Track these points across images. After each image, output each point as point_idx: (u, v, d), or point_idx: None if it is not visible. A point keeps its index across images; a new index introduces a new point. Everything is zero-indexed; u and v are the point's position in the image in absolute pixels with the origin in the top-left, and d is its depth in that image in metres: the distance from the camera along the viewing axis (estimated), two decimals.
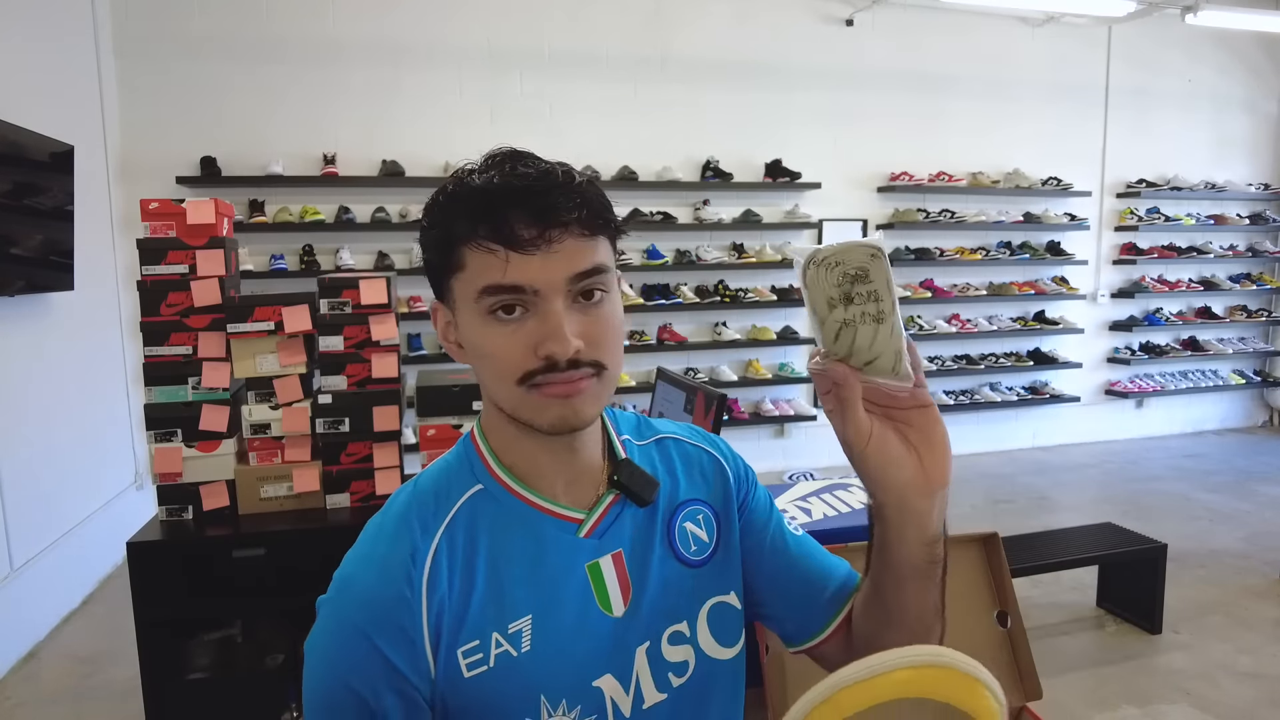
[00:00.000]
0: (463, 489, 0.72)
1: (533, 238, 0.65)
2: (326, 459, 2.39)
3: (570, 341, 0.66)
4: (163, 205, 2.31)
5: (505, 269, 0.66)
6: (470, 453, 0.76)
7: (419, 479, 0.75)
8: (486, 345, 0.69)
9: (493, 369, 0.70)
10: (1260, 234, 7.06)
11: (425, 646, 0.65)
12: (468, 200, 0.68)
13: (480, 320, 0.68)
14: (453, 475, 0.74)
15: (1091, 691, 2.96)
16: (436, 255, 0.71)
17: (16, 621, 3.29)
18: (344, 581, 0.68)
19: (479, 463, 0.75)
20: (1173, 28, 6.29)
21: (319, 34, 4.83)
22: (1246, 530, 4.59)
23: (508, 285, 0.66)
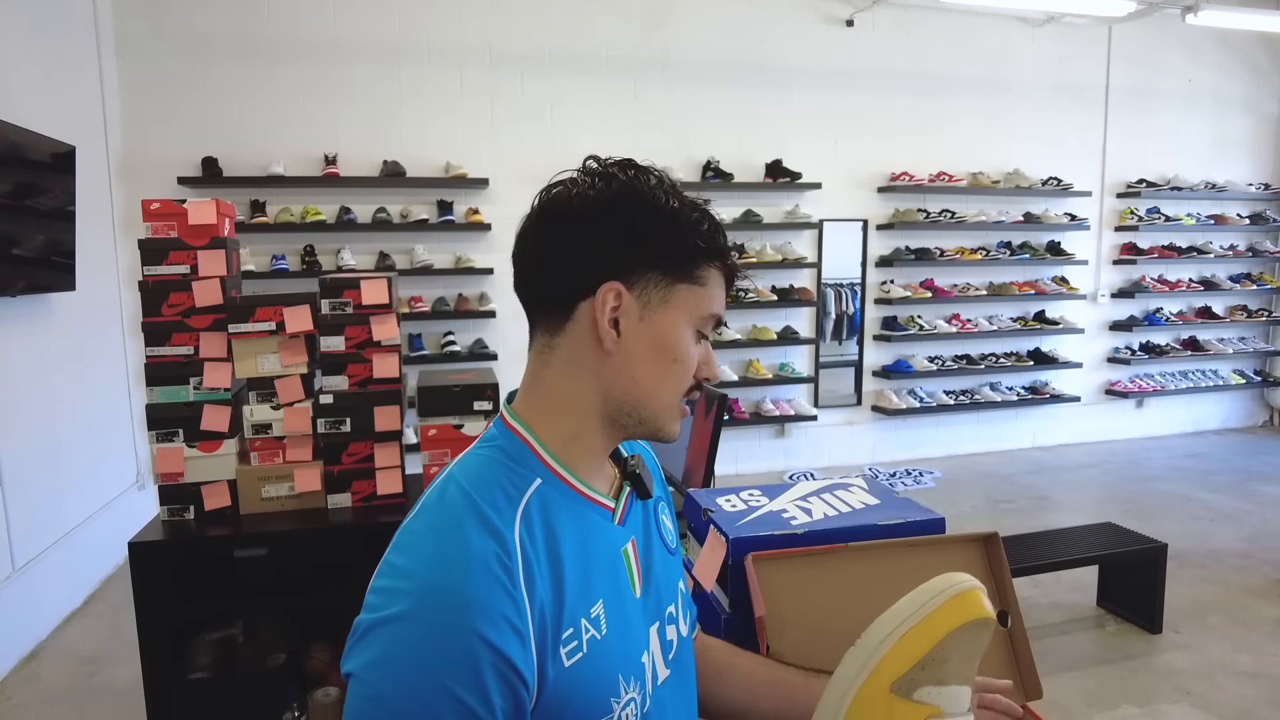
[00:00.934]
0: (524, 483, 0.72)
1: (734, 285, 0.82)
2: (328, 459, 2.39)
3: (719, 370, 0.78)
4: (164, 205, 2.31)
5: (723, 302, 0.79)
6: (517, 449, 0.75)
7: (460, 477, 0.71)
8: (686, 355, 0.77)
9: (676, 375, 0.77)
10: (1260, 234, 7.06)
11: (531, 640, 0.65)
12: (723, 235, 0.79)
13: (689, 333, 0.77)
14: (505, 471, 0.73)
15: (1092, 691, 2.96)
16: (672, 251, 0.76)
17: (18, 621, 3.29)
18: (429, 587, 0.63)
19: (532, 457, 0.75)
20: (1173, 27, 6.29)
21: (320, 34, 4.84)
22: (1247, 530, 4.60)
23: (720, 316, 0.79)
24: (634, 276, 0.75)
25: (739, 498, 1.30)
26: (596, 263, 0.74)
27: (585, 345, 0.75)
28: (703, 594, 1.19)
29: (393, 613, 0.62)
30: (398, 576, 0.65)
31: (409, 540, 0.68)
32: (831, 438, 6.06)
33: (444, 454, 2.41)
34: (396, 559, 0.67)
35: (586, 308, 0.75)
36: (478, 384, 2.42)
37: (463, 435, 2.41)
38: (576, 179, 0.78)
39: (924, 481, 5.61)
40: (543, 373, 0.78)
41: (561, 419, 0.77)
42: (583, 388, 0.76)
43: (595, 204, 0.75)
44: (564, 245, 0.75)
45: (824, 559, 1.11)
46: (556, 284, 0.76)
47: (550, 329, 0.77)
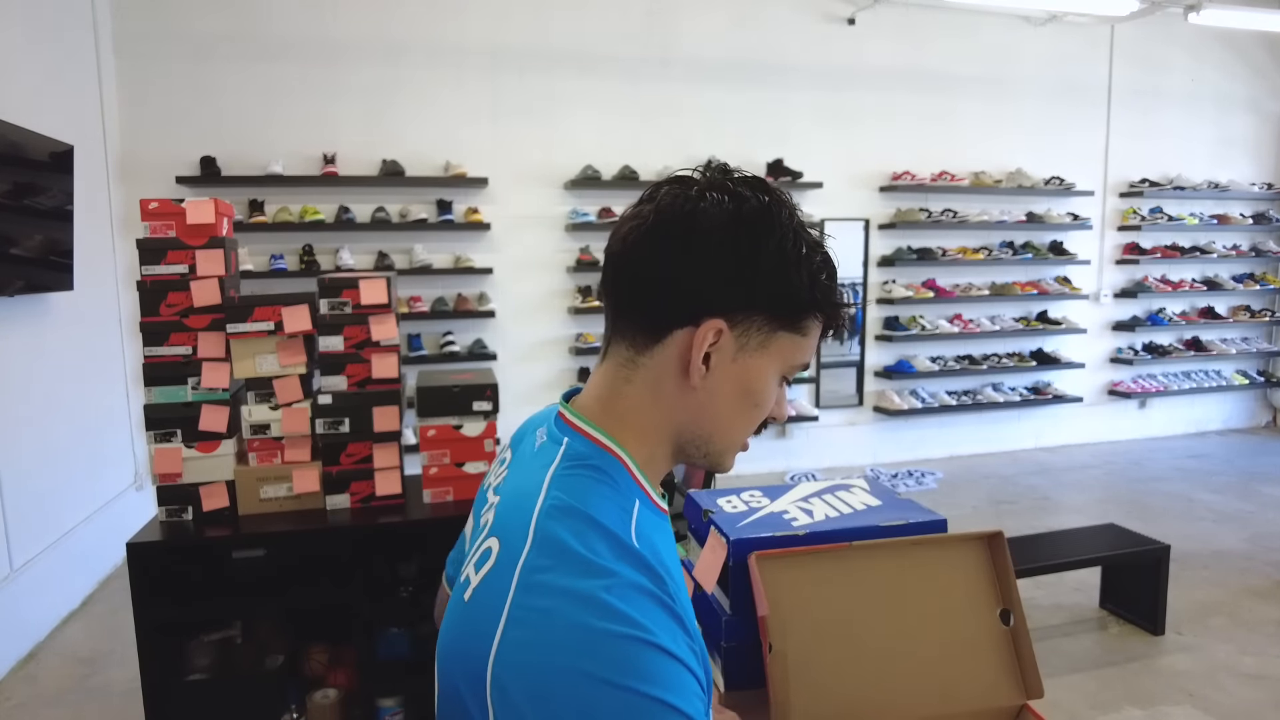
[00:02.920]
0: (629, 504, 0.70)
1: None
2: (326, 459, 2.38)
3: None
4: (162, 205, 2.30)
5: (815, 349, 0.78)
6: (616, 469, 0.72)
7: (568, 505, 0.67)
8: (767, 401, 0.76)
9: (753, 418, 0.77)
10: (1263, 234, 7.05)
11: (696, 654, 0.64)
12: (838, 285, 0.77)
13: (775, 380, 0.76)
14: (610, 493, 0.70)
15: (1094, 693, 2.95)
16: (787, 298, 0.73)
17: (16, 622, 3.28)
18: (621, 608, 0.60)
19: (628, 478, 0.73)
20: (1176, 27, 6.28)
21: (319, 33, 4.83)
22: (1250, 531, 4.58)
23: (808, 364, 0.80)
24: (739, 316, 0.71)
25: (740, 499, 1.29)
26: (706, 293, 0.70)
27: (669, 373, 0.72)
28: (703, 596, 1.17)
29: (575, 658, 0.58)
30: (558, 621, 0.60)
31: (550, 581, 0.62)
32: (833, 438, 6.04)
33: (443, 454, 2.40)
34: (544, 604, 0.61)
35: (682, 336, 0.71)
36: (477, 384, 2.41)
37: (462, 435, 2.40)
38: (703, 190, 0.72)
39: (926, 482, 5.59)
40: (624, 389, 0.74)
41: (642, 441, 0.75)
42: (660, 415, 0.74)
43: (720, 228, 0.70)
44: (675, 264, 0.70)
45: (827, 558, 1.09)
46: (657, 303, 0.71)
47: (637, 344, 0.73)
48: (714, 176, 0.73)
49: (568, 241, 5.35)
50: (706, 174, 0.74)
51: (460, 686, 0.64)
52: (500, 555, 0.66)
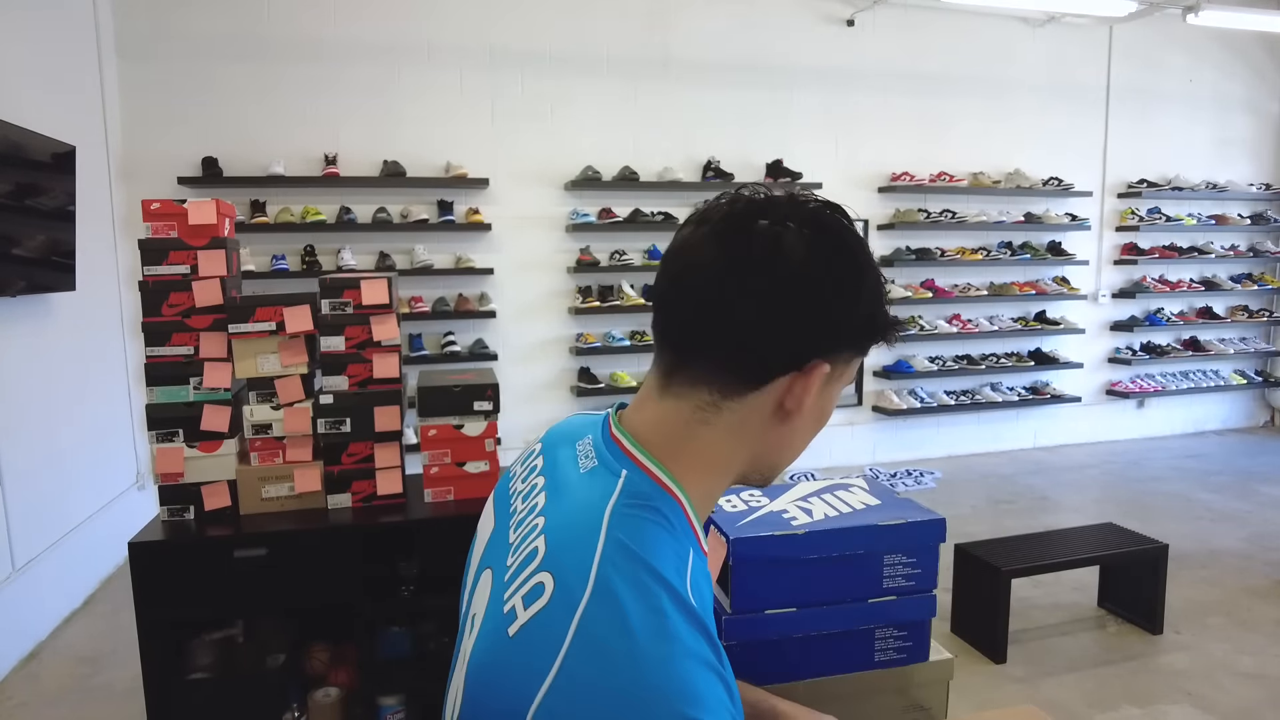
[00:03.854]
0: (685, 552, 0.66)
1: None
2: (328, 459, 2.39)
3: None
4: (164, 205, 2.31)
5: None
6: (675, 514, 0.68)
7: (633, 555, 0.62)
8: (830, 415, 0.75)
9: (816, 433, 0.75)
10: (1261, 234, 7.06)
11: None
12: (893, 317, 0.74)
13: (838, 397, 0.75)
14: (671, 541, 0.66)
15: (1093, 692, 2.96)
16: (869, 329, 0.70)
17: (18, 621, 3.29)
18: (684, 685, 0.57)
19: (686, 524, 0.68)
20: (1174, 28, 6.29)
21: (320, 34, 4.84)
22: (1248, 530, 4.59)
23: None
24: (836, 354, 0.69)
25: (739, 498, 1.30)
26: (817, 338, 0.67)
27: (762, 414, 0.69)
28: None
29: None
30: (617, 694, 0.56)
31: (609, 644, 0.58)
32: (832, 438, 6.05)
33: (444, 454, 2.41)
34: (601, 669, 0.57)
35: (786, 383, 0.68)
36: (478, 384, 2.42)
37: (463, 435, 2.41)
38: (774, 220, 0.66)
39: (925, 482, 5.60)
40: (701, 431, 0.69)
41: (707, 478, 0.71)
42: (740, 451, 0.71)
43: (828, 269, 0.66)
44: (785, 315, 0.65)
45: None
46: (758, 353, 0.67)
47: (724, 390, 0.68)
48: (790, 204, 0.68)
49: (568, 242, 5.36)
50: (772, 197, 0.68)
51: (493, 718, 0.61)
52: (555, 596, 0.61)
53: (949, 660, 1.28)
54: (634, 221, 5.32)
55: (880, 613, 1.22)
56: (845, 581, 1.19)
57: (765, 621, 1.17)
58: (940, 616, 3.39)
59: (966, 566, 3.34)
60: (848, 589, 1.20)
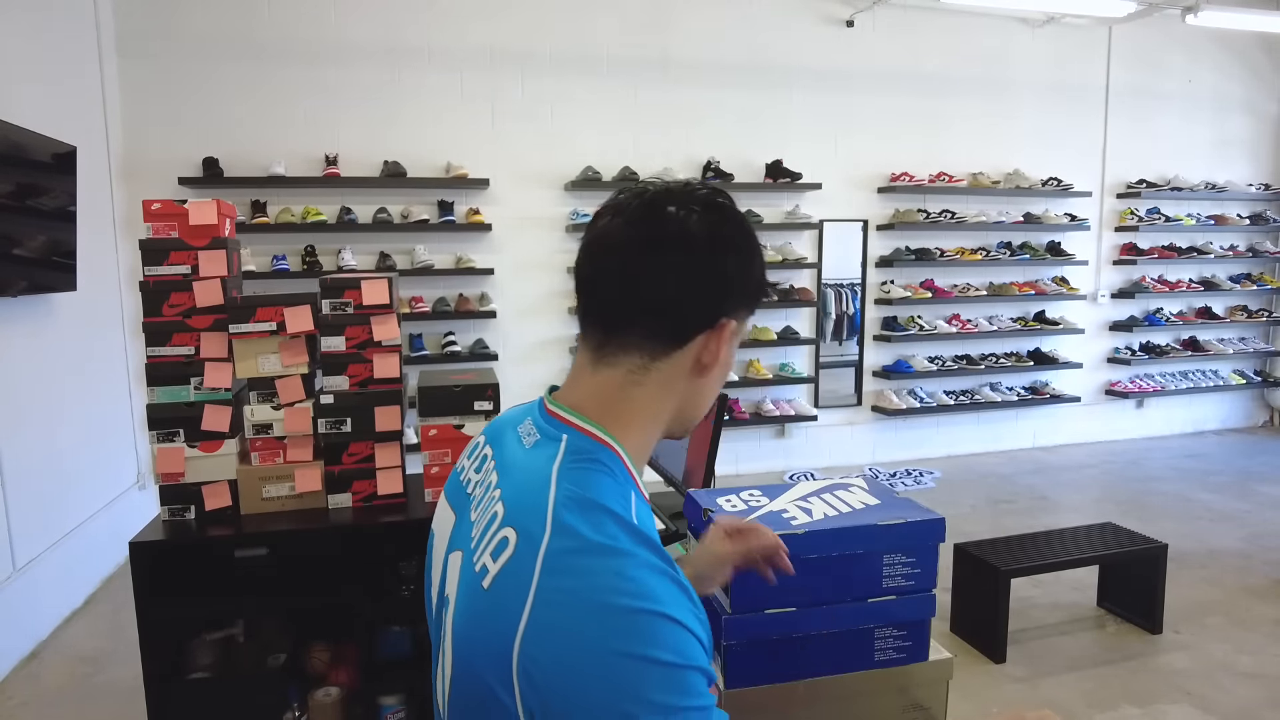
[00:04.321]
0: (628, 494, 0.76)
1: None
2: (328, 459, 2.39)
3: None
4: (165, 206, 2.31)
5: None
6: (615, 464, 0.79)
7: (581, 497, 0.72)
8: (730, 369, 0.87)
9: (722, 384, 0.88)
10: (1260, 234, 7.07)
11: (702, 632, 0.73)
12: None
13: (734, 353, 0.85)
14: (613, 485, 0.76)
15: (1092, 691, 2.97)
16: (759, 285, 0.84)
17: (19, 621, 3.29)
18: (638, 586, 0.67)
19: (625, 471, 0.79)
20: (1173, 28, 6.29)
21: (321, 35, 4.84)
22: (1247, 530, 4.60)
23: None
24: (739, 311, 0.82)
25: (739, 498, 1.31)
26: (722, 299, 0.79)
27: (683, 370, 0.81)
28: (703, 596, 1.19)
29: (599, 633, 0.64)
30: (582, 600, 0.66)
31: (570, 565, 0.68)
32: (832, 438, 6.06)
33: (444, 454, 2.41)
34: (568, 584, 0.66)
35: (703, 340, 0.79)
36: (478, 384, 2.42)
37: (463, 435, 2.41)
38: (677, 204, 0.78)
39: (924, 482, 5.61)
40: (634, 391, 0.80)
41: (642, 433, 0.82)
42: (668, 404, 0.82)
43: (722, 240, 0.79)
44: (695, 278, 0.78)
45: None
46: (677, 317, 0.79)
47: (652, 353, 0.79)
48: (686, 193, 0.79)
49: (568, 242, 5.37)
50: (672, 187, 0.80)
51: (482, 668, 0.68)
52: (519, 544, 0.70)
53: (948, 660, 1.28)
54: None
55: (880, 612, 1.22)
56: (845, 581, 1.20)
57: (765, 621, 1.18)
58: (940, 616, 3.40)
59: (966, 566, 3.34)
60: (847, 589, 1.20)
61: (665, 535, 1.96)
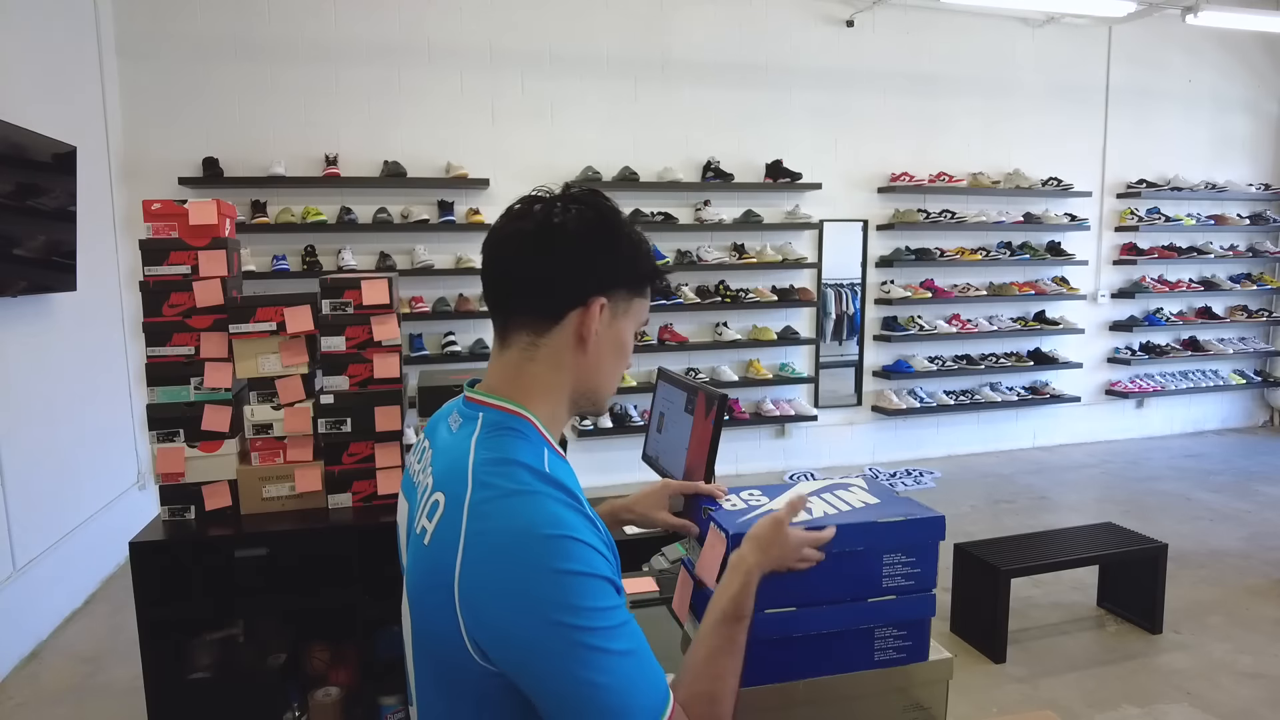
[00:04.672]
0: (540, 452, 0.89)
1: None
2: (328, 459, 2.39)
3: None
4: (165, 206, 2.31)
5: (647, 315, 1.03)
6: (525, 428, 0.92)
7: (494, 458, 0.86)
8: (629, 351, 1.00)
9: (622, 367, 1.00)
10: (1261, 234, 7.07)
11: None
12: (657, 266, 1.01)
13: (630, 335, 1.00)
14: (525, 445, 0.89)
15: (1092, 691, 2.97)
16: (636, 274, 0.97)
17: (19, 621, 3.29)
18: (548, 516, 0.81)
19: (536, 433, 0.92)
20: (1173, 28, 6.29)
21: (321, 35, 4.84)
22: (1247, 530, 4.60)
23: (647, 321, 1.04)
24: (613, 291, 0.94)
25: (739, 497, 1.30)
26: (590, 280, 0.92)
27: (567, 345, 0.93)
28: (703, 592, 1.19)
29: (517, 560, 0.79)
30: (503, 535, 0.79)
31: (491, 510, 0.81)
32: (832, 438, 6.06)
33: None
34: (489, 526, 0.80)
35: (576, 317, 0.92)
36: None
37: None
38: (559, 203, 0.92)
39: (924, 481, 5.61)
40: (529, 367, 0.94)
41: (544, 403, 0.94)
42: (561, 380, 0.95)
43: (591, 230, 0.92)
44: (564, 263, 0.91)
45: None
46: (551, 296, 0.92)
47: (537, 331, 0.92)
48: (564, 194, 0.94)
49: None
50: (554, 193, 0.94)
51: (433, 613, 0.83)
52: (448, 503, 0.84)
53: (949, 660, 1.28)
54: (634, 222, 5.31)
55: (880, 612, 1.22)
56: (845, 580, 1.19)
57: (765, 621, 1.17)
58: (940, 616, 3.40)
59: (966, 566, 3.34)
60: (847, 588, 1.20)
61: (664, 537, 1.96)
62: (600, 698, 0.76)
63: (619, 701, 0.77)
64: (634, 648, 0.80)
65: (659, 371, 2.21)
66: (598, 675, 0.76)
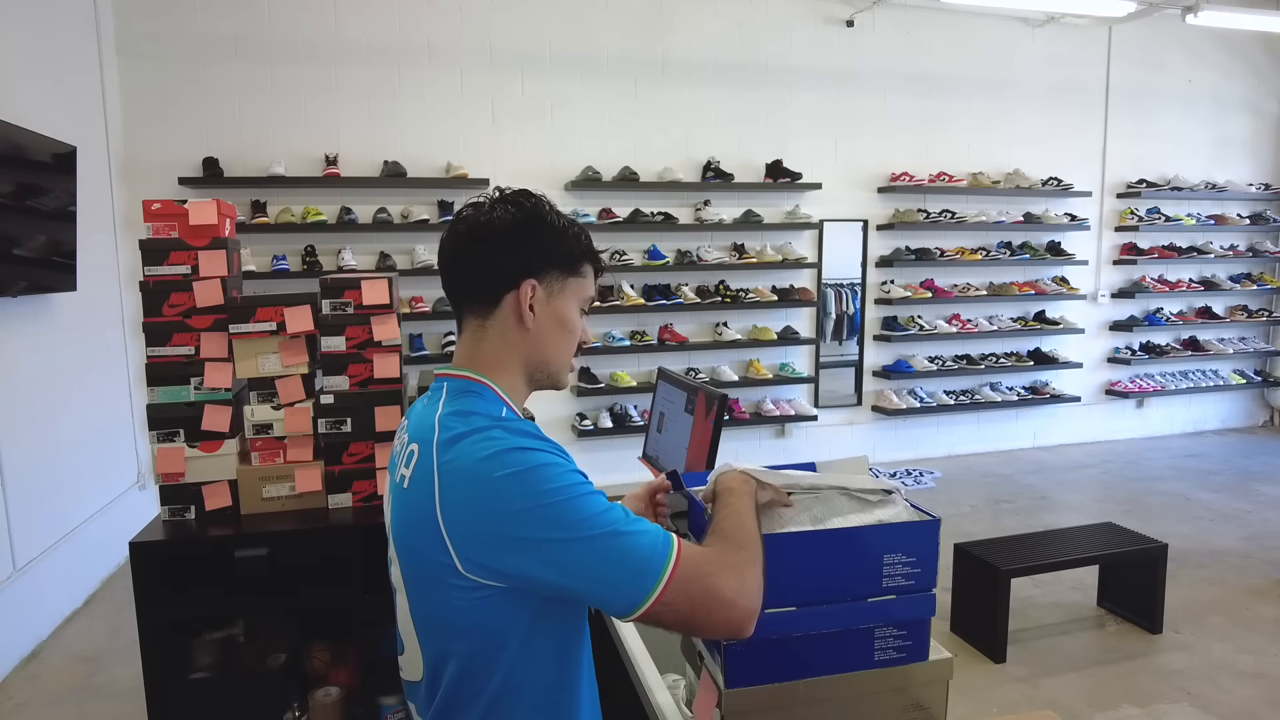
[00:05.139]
0: (499, 409, 1.03)
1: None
2: (329, 459, 2.39)
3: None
4: (165, 206, 2.31)
5: (594, 288, 1.14)
6: (485, 391, 1.05)
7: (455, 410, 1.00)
8: (576, 326, 1.11)
9: (570, 342, 1.11)
10: (1261, 234, 7.07)
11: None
12: (591, 243, 1.13)
13: (576, 311, 1.11)
14: (483, 403, 1.03)
15: (1092, 691, 2.97)
16: (566, 256, 1.08)
17: (20, 621, 3.30)
18: (508, 440, 0.94)
19: (496, 397, 1.06)
20: (1173, 28, 6.29)
21: (321, 35, 4.84)
22: (1247, 530, 4.60)
23: (594, 298, 1.14)
24: (542, 274, 1.06)
25: None
26: (518, 266, 1.05)
27: (510, 325, 1.06)
28: None
29: (488, 475, 0.91)
30: (472, 460, 0.92)
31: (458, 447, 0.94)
32: (832, 438, 6.06)
33: None
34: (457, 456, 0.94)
35: (511, 298, 1.05)
36: None
37: None
38: (488, 205, 1.06)
39: (924, 481, 5.61)
40: (482, 345, 1.07)
41: (503, 374, 1.07)
42: (511, 354, 1.08)
43: (514, 224, 1.05)
44: (493, 255, 1.05)
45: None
46: (488, 282, 1.05)
47: (482, 315, 1.07)
48: (494, 197, 1.08)
49: None
50: (488, 197, 1.08)
51: (421, 544, 0.95)
52: (420, 448, 0.98)
53: (949, 660, 1.28)
54: (634, 222, 5.33)
55: (880, 612, 1.22)
56: (845, 580, 1.20)
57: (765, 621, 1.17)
58: (940, 616, 3.40)
59: (966, 566, 3.34)
60: (847, 588, 1.20)
61: None
62: (602, 565, 0.88)
63: (619, 555, 0.88)
64: (606, 508, 0.91)
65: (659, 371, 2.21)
66: (587, 540, 0.88)
